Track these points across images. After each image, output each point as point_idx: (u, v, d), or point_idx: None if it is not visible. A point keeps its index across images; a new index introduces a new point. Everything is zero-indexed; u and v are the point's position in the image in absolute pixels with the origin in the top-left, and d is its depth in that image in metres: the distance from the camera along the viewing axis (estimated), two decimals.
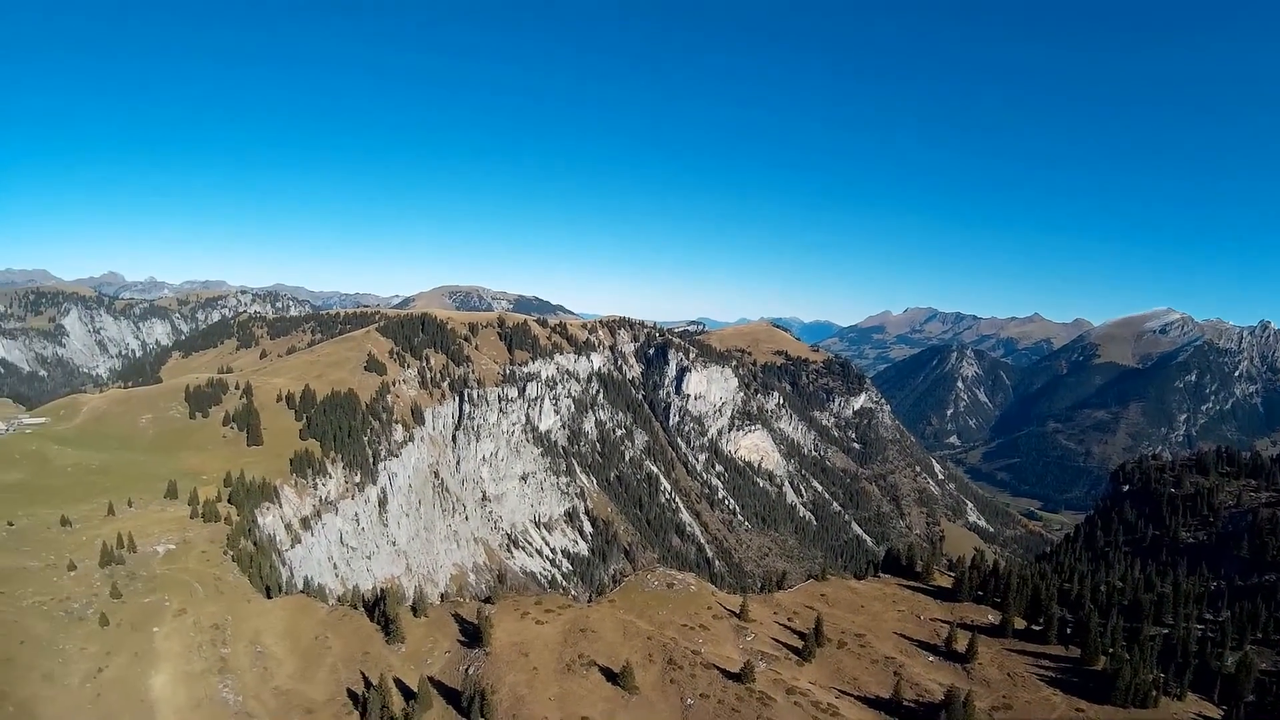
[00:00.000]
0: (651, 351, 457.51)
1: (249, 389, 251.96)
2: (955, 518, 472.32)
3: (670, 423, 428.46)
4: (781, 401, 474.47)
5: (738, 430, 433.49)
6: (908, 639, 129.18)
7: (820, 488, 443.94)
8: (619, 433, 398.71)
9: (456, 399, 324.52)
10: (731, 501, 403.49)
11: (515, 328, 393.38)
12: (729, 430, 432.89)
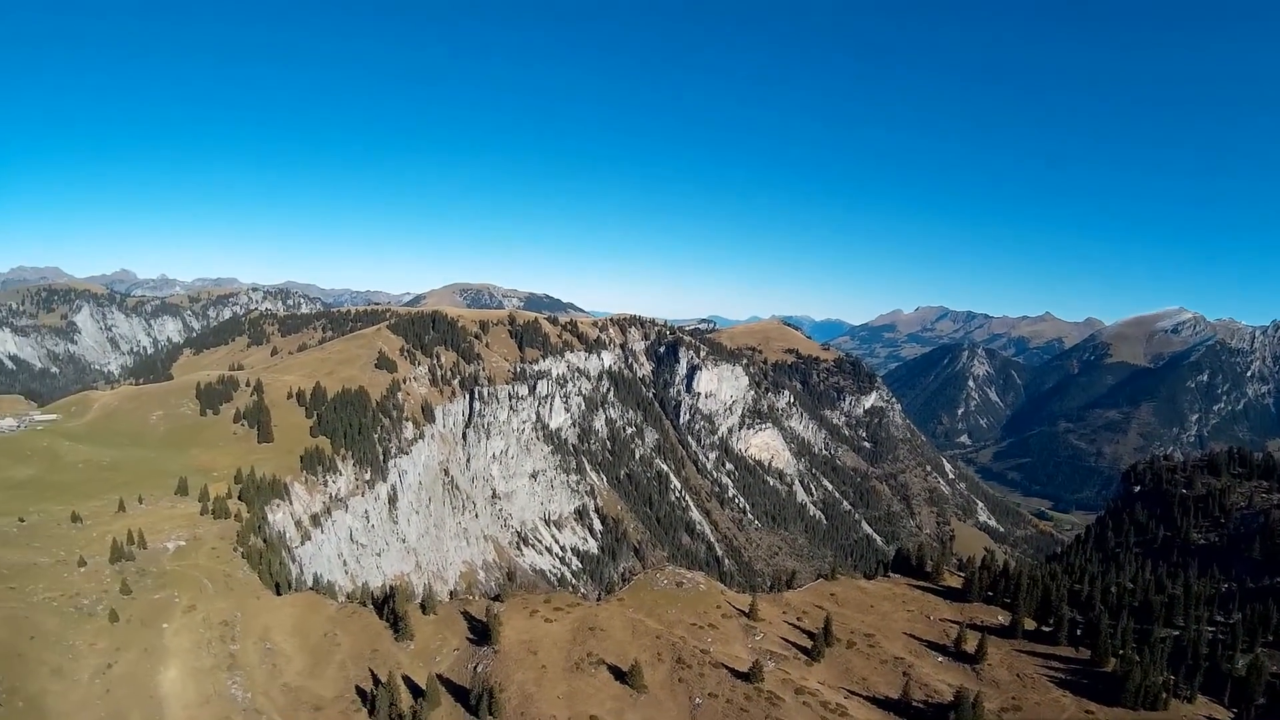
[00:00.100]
0: (662, 349, 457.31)
1: (260, 386, 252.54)
2: (966, 517, 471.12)
3: (681, 421, 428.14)
4: (792, 400, 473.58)
5: (748, 428, 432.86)
6: (917, 639, 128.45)
7: (830, 486, 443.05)
8: (629, 431, 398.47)
9: (467, 396, 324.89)
10: (741, 500, 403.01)
11: (526, 325, 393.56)
12: (739, 428, 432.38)
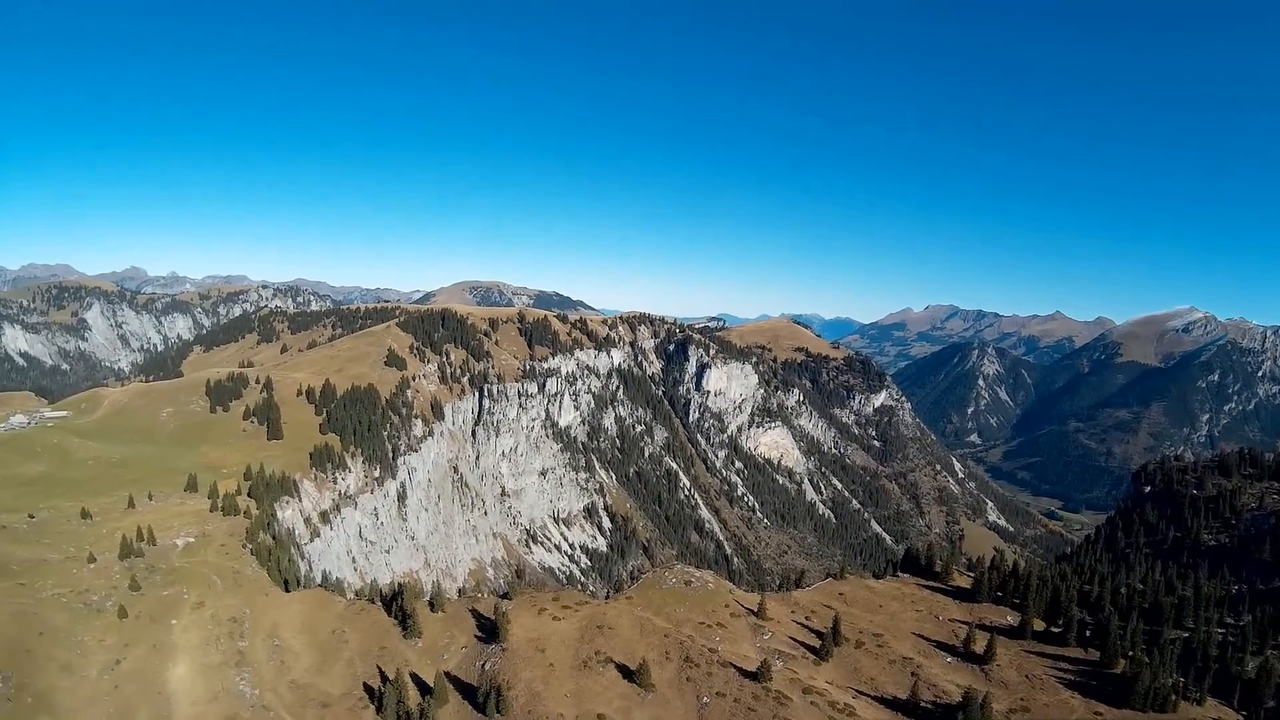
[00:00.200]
0: (672, 347, 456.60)
1: (269, 383, 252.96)
2: (975, 517, 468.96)
3: (690, 419, 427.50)
4: (801, 398, 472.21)
5: (757, 427, 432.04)
6: (926, 639, 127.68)
7: (840, 485, 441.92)
8: (638, 429, 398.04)
9: (476, 394, 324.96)
10: (751, 498, 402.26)
11: (535, 323, 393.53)
12: (749, 427, 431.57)
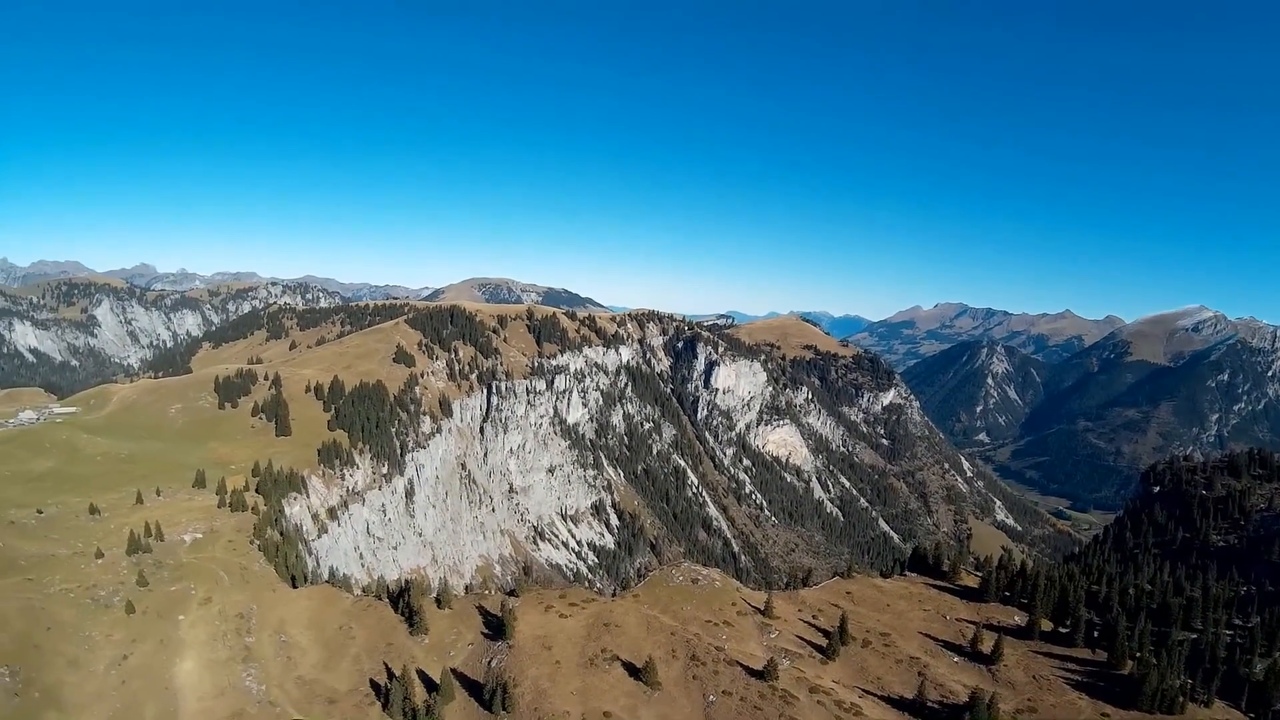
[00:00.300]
0: (680, 345, 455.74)
1: (278, 380, 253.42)
2: (983, 516, 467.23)
3: (698, 416, 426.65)
4: (810, 396, 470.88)
5: (766, 425, 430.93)
6: (933, 639, 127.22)
7: (848, 484, 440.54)
8: (647, 426, 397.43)
9: (484, 391, 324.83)
10: (759, 496, 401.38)
11: (544, 320, 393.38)
12: (757, 424, 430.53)
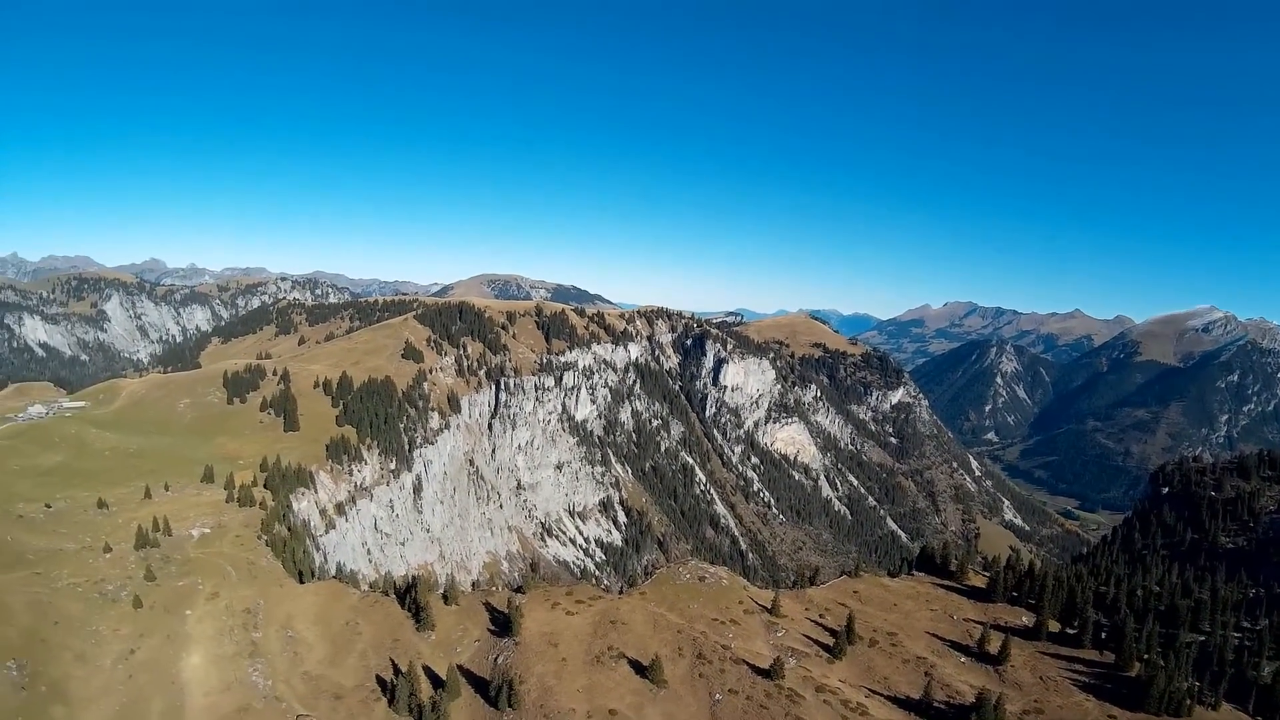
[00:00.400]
0: (689, 342, 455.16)
1: (287, 375, 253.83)
2: (991, 515, 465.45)
3: (707, 414, 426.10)
4: (819, 394, 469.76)
5: (774, 422, 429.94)
6: (940, 639, 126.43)
7: (856, 482, 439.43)
8: (655, 423, 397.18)
9: (493, 387, 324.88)
10: (766, 494, 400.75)
11: (553, 317, 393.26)
12: (765, 422, 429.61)
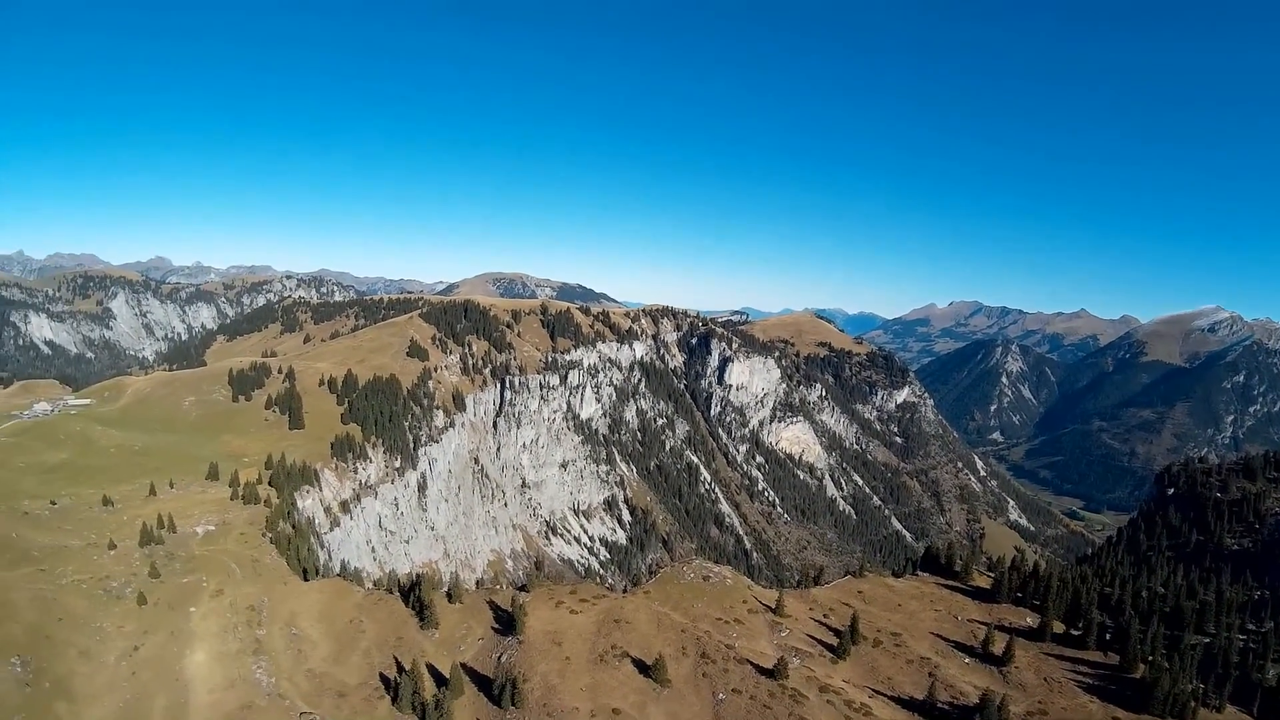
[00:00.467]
0: (694, 341, 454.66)
1: (292, 373, 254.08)
2: (996, 515, 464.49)
3: (712, 413, 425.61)
4: (824, 393, 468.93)
5: (779, 422, 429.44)
6: (944, 640, 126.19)
7: (861, 482, 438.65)
8: (660, 422, 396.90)
9: (498, 386, 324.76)
10: (771, 493, 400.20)
11: (558, 315, 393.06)
12: (770, 421, 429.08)
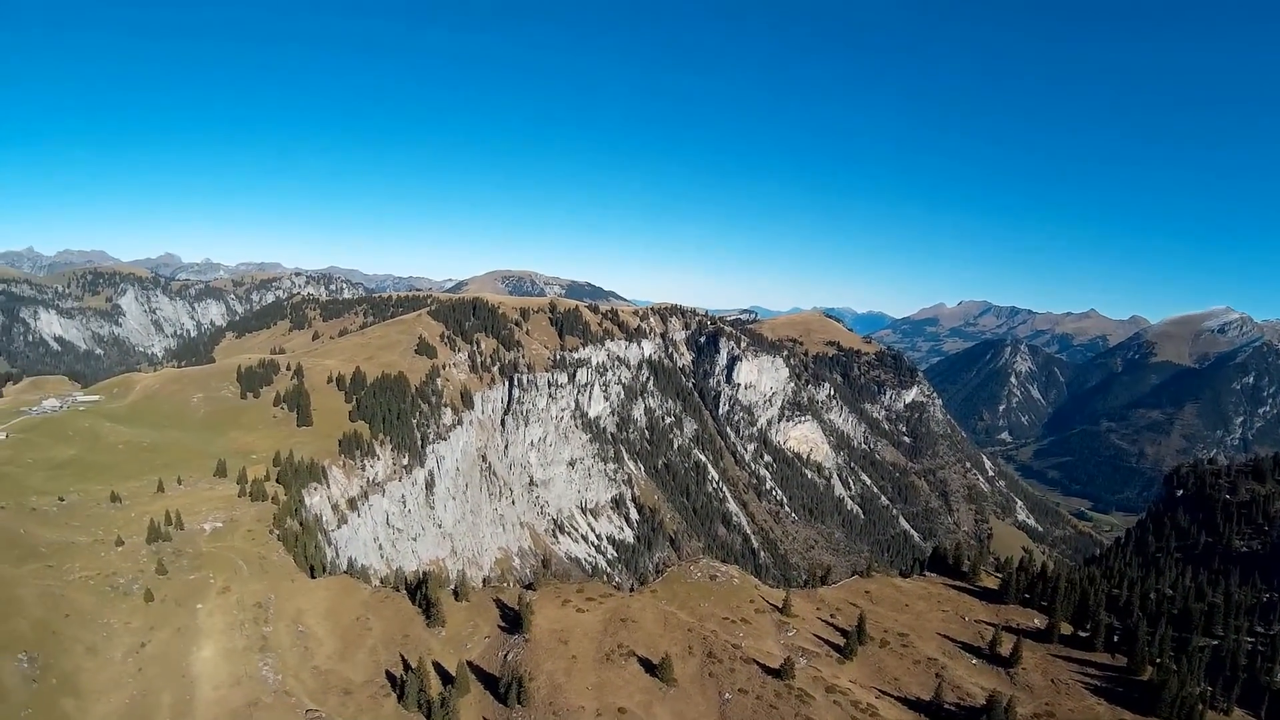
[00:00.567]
0: (703, 340, 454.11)
1: (300, 370, 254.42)
2: (1004, 515, 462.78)
3: (720, 412, 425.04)
4: (832, 393, 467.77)
5: (787, 421, 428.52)
6: (951, 640, 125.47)
7: (869, 481, 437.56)
8: (668, 420, 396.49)
9: (506, 383, 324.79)
10: (779, 492, 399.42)
11: (566, 313, 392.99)
12: (778, 420, 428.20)
